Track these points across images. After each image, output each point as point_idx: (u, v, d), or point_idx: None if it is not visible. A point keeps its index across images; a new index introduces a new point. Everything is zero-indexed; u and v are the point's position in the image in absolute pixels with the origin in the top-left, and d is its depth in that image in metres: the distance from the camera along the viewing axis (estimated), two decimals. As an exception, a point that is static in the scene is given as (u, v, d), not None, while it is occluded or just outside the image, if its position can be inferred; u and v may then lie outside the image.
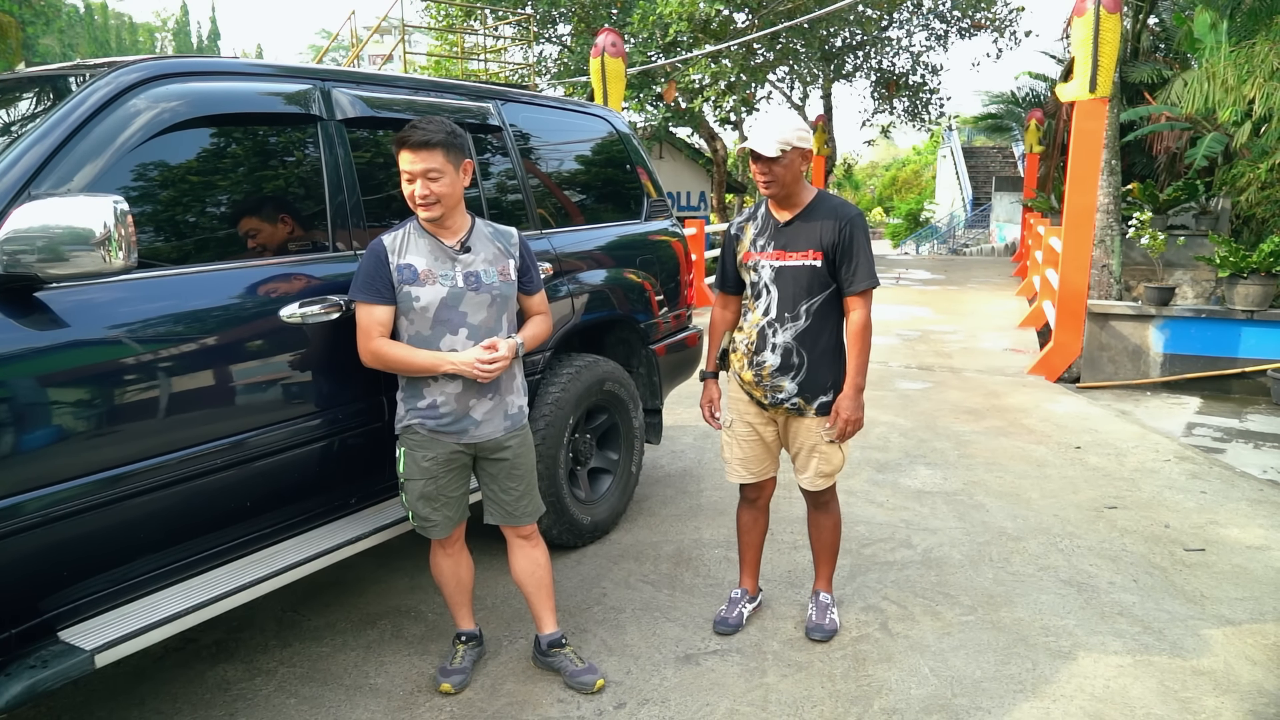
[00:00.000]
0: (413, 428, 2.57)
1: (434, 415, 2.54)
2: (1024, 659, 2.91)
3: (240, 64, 2.71)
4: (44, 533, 1.98)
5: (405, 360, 2.48)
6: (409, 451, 2.60)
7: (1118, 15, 6.63)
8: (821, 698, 2.71)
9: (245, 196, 2.58)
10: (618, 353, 4.11)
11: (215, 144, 2.51)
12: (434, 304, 2.48)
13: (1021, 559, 3.68)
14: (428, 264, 2.49)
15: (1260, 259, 6.71)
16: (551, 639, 2.83)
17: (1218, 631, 3.07)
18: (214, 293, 2.39)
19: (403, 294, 2.47)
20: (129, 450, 2.15)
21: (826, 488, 3.00)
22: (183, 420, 2.28)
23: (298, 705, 2.71)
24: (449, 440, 2.58)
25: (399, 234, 2.52)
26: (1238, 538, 3.89)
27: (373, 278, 2.46)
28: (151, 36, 54.50)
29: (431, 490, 2.60)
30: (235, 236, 2.54)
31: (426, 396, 2.54)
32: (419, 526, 2.69)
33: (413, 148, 2.39)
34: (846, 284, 2.78)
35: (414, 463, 2.59)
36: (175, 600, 2.29)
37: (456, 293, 2.50)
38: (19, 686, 1.91)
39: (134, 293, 2.20)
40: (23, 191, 2.01)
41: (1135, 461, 5.01)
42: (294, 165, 2.72)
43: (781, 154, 2.67)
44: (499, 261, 2.60)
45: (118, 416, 2.13)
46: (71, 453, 2.04)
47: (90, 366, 2.09)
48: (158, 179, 2.34)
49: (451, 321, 2.51)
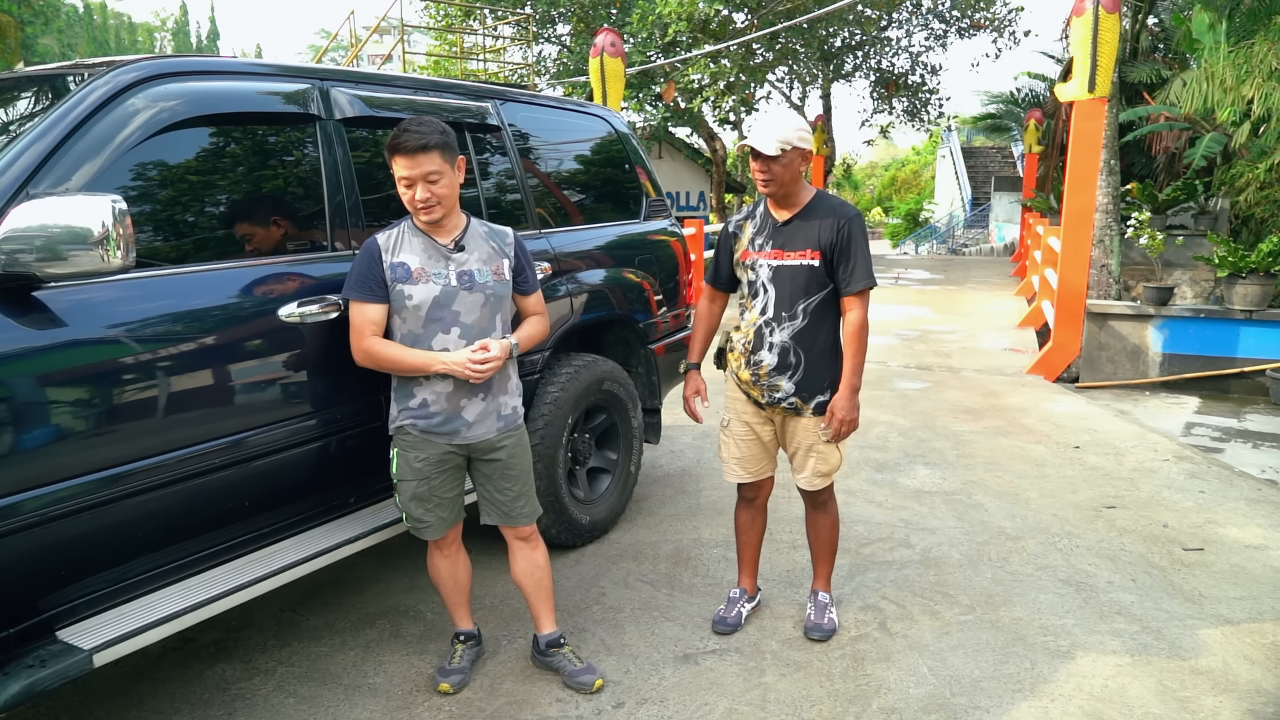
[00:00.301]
0: (405, 428, 2.57)
1: (425, 415, 2.53)
2: (1022, 658, 2.91)
3: (239, 63, 2.71)
4: (42, 532, 1.98)
5: (397, 359, 2.47)
6: (401, 452, 2.59)
7: (1116, 15, 6.63)
8: (820, 697, 2.71)
9: (244, 196, 2.58)
10: (617, 352, 4.11)
11: (214, 143, 2.51)
12: (426, 302, 2.46)
13: (1020, 558, 3.68)
14: (421, 262, 2.47)
15: (1259, 259, 6.72)
16: (550, 639, 2.83)
17: (1216, 631, 3.08)
18: (212, 292, 2.39)
19: (395, 292, 2.46)
20: (127, 450, 2.15)
21: (824, 487, 3.00)
22: (180, 420, 2.28)
23: (296, 705, 2.71)
24: (440, 441, 2.57)
25: (393, 232, 2.51)
26: (1236, 537, 3.90)
27: (365, 276, 2.45)
28: (151, 36, 54.46)
29: (424, 491, 2.60)
30: (233, 236, 2.54)
31: (417, 396, 2.53)
32: (413, 528, 2.68)
33: (409, 153, 2.37)
34: (844, 284, 2.78)
35: (406, 464, 2.58)
36: (174, 600, 2.29)
37: (449, 291, 2.48)
38: (17, 686, 1.91)
39: (132, 292, 2.19)
40: (21, 190, 2.01)
41: (1134, 461, 5.02)
42: (293, 165, 2.72)
43: (781, 153, 2.67)
44: (493, 261, 2.59)
45: (116, 416, 2.13)
46: (70, 452, 2.04)
47: (88, 366, 2.09)
48: (156, 178, 2.34)
49: (444, 320, 2.49)
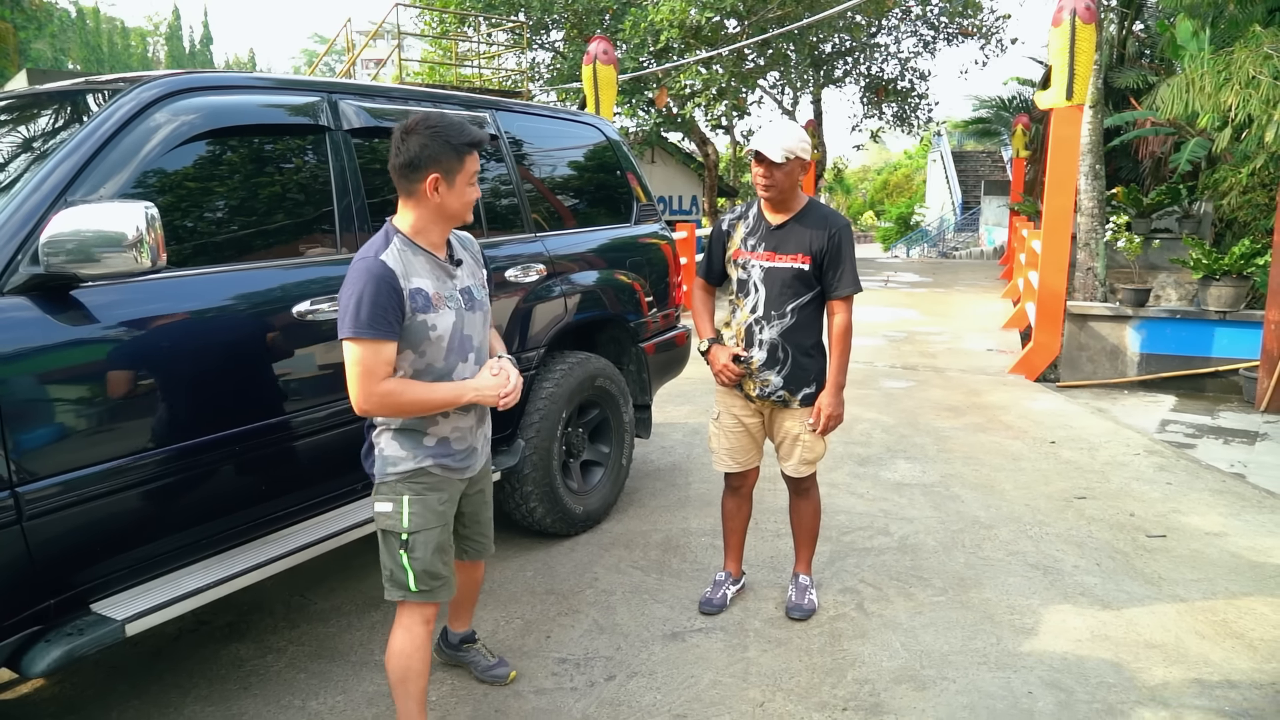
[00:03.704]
0: (427, 470, 2.27)
1: (448, 453, 2.30)
2: (989, 635, 3.10)
3: (254, 78, 2.89)
4: (81, 511, 2.16)
5: (424, 399, 2.17)
6: (418, 498, 2.25)
7: (1093, 26, 6.85)
8: (799, 670, 2.90)
9: (259, 201, 2.75)
10: (609, 350, 4.30)
11: (231, 153, 2.69)
12: (449, 331, 2.22)
13: (992, 545, 3.87)
14: (434, 286, 2.21)
15: (1232, 261, 6.94)
16: (465, 635, 2.89)
17: (1171, 609, 3.27)
18: (230, 291, 2.56)
19: (416, 323, 2.15)
20: (152, 437, 2.33)
21: (808, 474, 3.19)
22: (204, 409, 2.46)
23: (307, 680, 2.88)
24: (460, 476, 2.36)
25: (393, 251, 2.15)
26: (1198, 525, 4.10)
27: (385, 309, 2.08)
28: (144, 41, 54.51)
29: (445, 539, 2.33)
30: (249, 239, 2.71)
31: (432, 435, 2.27)
32: (425, 592, 2.29)
33: (481, 144, 2.24)
34: (832, 288, 2.98)
35: (427, 509, 2.27)
36: (195, 577, 2.47)
37: (462, 315, 2.27)
38: (59, 651, 2.09)
39: (159, 291, 2.38)
40: (59, 199, 2.19)
41: (1106, 455, 5.22)
42: (305, 172, 2.90)
43: (786, 160, 2.86)
44: (477, 274, 2.41)
45: (146, 405, 2.31)
46: (101, 439, 2.22)
47: (120, 359, 2.26)
48: (179, 186, 2.52)
49: (463, 348, 2.28)
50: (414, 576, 2.27)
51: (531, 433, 3.59)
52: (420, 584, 2.28)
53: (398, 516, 2.25)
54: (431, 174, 2.14)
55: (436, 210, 2.20)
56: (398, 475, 2.25)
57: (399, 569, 2.27)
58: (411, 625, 2.32)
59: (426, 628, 2.33)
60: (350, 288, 2.11)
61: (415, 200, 2.19)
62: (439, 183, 2.15)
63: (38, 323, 2.10)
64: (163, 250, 2.14)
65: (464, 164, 2.18)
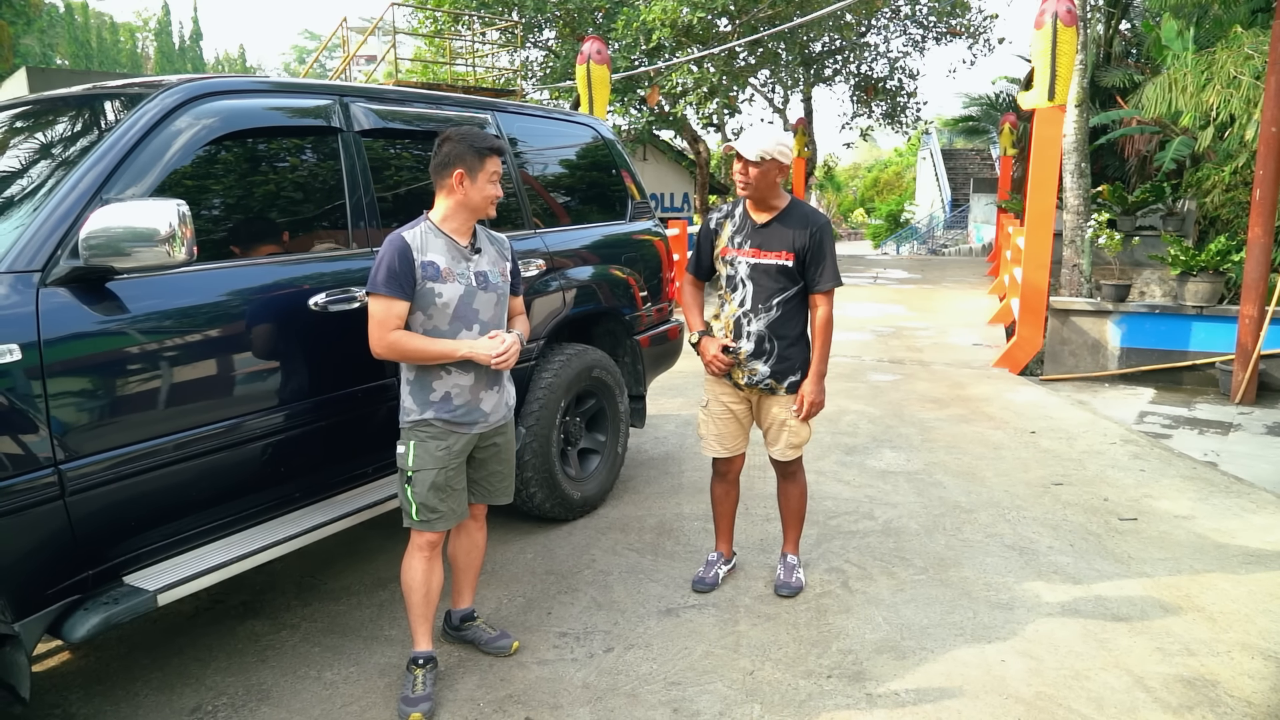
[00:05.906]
0: (428, 421, 2.67)
1: (448, 408, 2.67)
2: (966, 610, 3.28)
3: (269, 82, 3.05)
4: (119, 488, 2.32)
5: (423, 349, 2.59)
6: (420, 443, 2.67)
7: (1074, 28, 7.04)
8: (786, 642, 3.07)
9: (276, 199, 2.91)
10: (605, 343, 4.47)
11: (249, 154, 2.85)
12: (454, 300, 2.62)
13: (972, 528, 4.06)
14: (447, 262, 2.62)
15: (1208, 258, 7.14)
16: (465, 613, 3.08)
17: (1138, 585, 3.46)
18: (251, 283, 2.72)
19: (425, 289, 2.58)
20: (185, 419, 2.49)
21: (794, 458, 3.36)
22: (224, 395, 2.62)
23: (321, 653, 3.04)
24: (461, 431, 2.71)
25: (416, 231, 2.62)
26: (1167, 508, 4.29)
27: (398, 273, 2.55)
28: (132, 36, 54.31)
29: (442, 480, 2.69)
30: (267, 235, 2.87)
31: (438, 390, 2.66)
32: (423, 521, 2.71)
33: (501, 152, 2.69)
34: (814, 283, 3.16)
35: (426, 452, 2.67)
36: (218, 553, 2.63)
37: (471, 290, 2.66)
38: (97, 618, 2.25)
39: (187, 283, 2.53)
40: (95, 197, 2.34)
41: (1084, 445, 5.41)
42: (318, 172, 3.05)
43: (761, 160, 3.03)
44: (498, 264, 2.79)
45: (177, 389, 2.47)
46: (137, 422, 2.38)
47: (152, 346, 2.42)
48: (202, 186, 2.68)
49: (467, 318, 2.66)
50: (415, 507, 2.71)
51: (531, 420, 3.75)
52: (420, 514, 2.71)
53: (405, 457, 2.69)
54: (458, 170, 2.62)
55: (461, 202, 2.65)
56: (409, 423, 2.70)
57: (405, 500, 2.73)
58: (413, 548, 2.79)
59: (424, 551, 2.77)
60: (379, 256, 2.60)
61: (446, 192, 2.66)
62: (463, 178, 2.63)
63: (78, 312, 2.26)
64: (194, 245, 2.30)
65: (484, 164, 2.64)
